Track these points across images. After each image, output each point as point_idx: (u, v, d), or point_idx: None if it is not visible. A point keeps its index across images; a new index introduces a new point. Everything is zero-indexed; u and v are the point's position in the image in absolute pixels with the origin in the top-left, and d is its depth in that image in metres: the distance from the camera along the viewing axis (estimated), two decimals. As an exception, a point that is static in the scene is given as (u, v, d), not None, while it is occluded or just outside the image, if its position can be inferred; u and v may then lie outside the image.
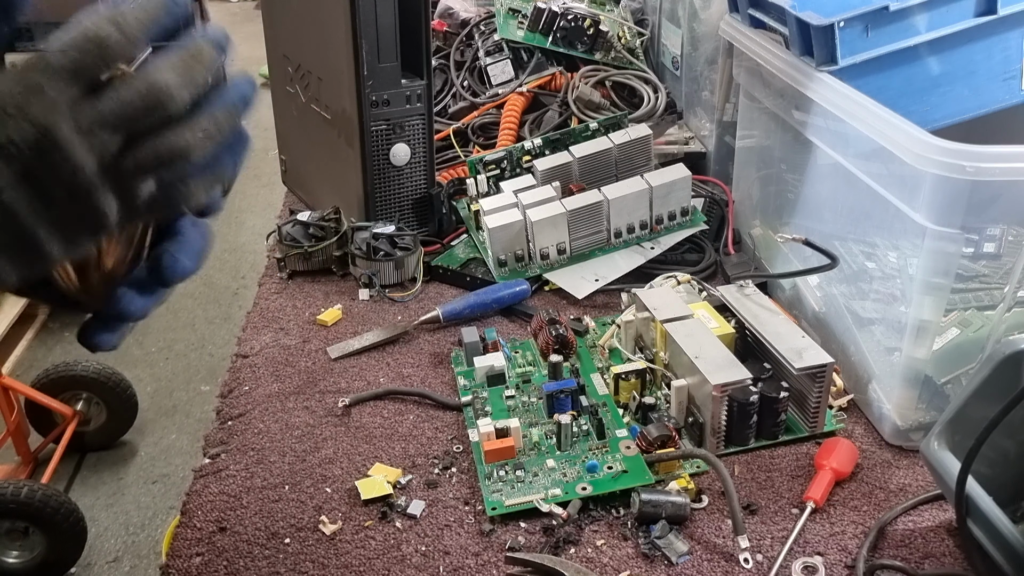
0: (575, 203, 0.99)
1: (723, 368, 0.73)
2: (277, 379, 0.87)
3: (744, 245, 1.07)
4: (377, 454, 0.77)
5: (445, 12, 1.46)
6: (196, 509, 0.71)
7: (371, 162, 1.05)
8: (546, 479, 0.71)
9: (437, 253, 1.09)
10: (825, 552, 0.65)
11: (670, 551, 0.65)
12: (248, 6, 5.80)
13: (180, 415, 2.18)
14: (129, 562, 1.76)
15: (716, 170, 1.19)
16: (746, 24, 0.98)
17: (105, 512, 1.88)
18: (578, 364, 0.85)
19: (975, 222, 0.67)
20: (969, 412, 0.61)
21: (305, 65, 1.13)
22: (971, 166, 0.62)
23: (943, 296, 0.70)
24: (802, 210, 0.93)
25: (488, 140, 1.29)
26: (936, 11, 0.81)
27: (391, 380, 0.87)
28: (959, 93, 0.86)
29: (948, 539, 0.67)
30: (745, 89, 1.04)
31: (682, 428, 0.76)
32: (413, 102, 1.05)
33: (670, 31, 1.32)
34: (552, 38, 1.34)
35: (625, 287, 0.97)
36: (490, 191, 1.12)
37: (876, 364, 0.78)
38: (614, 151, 1.08)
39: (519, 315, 0.97)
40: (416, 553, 0.66)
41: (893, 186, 0.71)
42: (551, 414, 0.77)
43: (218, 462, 0.77)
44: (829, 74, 0.80)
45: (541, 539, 0.67)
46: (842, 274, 0.83)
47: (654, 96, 1.30)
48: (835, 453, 0.72)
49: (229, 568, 0.66)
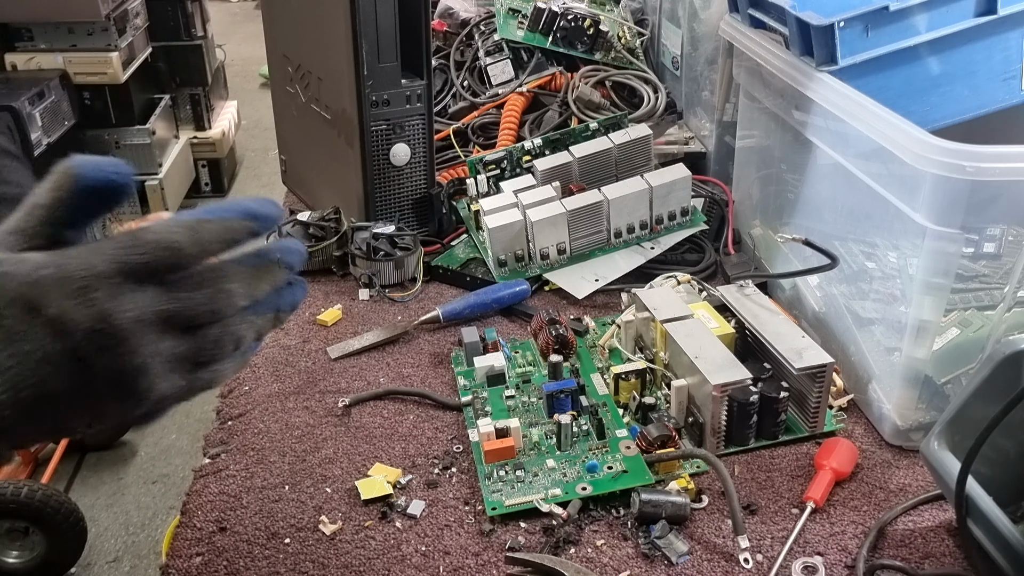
0: (575, 203, 0.99)
1: (723, 368, 0.73)
2: (277, 379, 0.87)
3: (744, 245, 1.07)
4: (377, 454, 0.77)
5: (445, 12, 1.46)
6: (196, 509, 0.71)
7: (371, 162, 1.05)
8: (546, 479, 0.71)
9: (437, 253, 1.09)
10: (825, 552, 0.65)
11: (670, 551, 0.65)
12: (248, 6, 5.80)
13: (180, 415, 2.17)
14: (129, 562, 1.76)
15: (716, 170, 1.19)
16: (746, 24, 0.98)
17: (105, 512, 1.88)
18: (578, 364, 0.85)
19: (975, 222, 0.67)
20: (969, 412, 0.61)
21: (305, 65, 1.13)
22: (971, 166, 0.62)
23: (943, 296, 0.70)
24: (802, 210, 0.93)
25: (488, 140, 1.29)
26: (936, 11, 0.81)
27: (391, 380, 0.87)
28: (959, 93, 0.86)
29: (948, 539, 0.67)
30: (745, 89, 1.04)
31: (682, 428, 0.76)
32: (413, 102, 1.05)
33: (670, 31, 1.32)
34: (552, 38, 1.34)
35: (625, 287, 0.97)
36: (490, 191, 1.12)
37: (876, 364, 0.78)
38: (614, 151, 1.08)
39: (519, 315, 0.97)
40: (416, 553, 0.66)
41: (893, 186, 0.71)
42: (551, 414, 0.77)
43: (218, 462, 0.77)
44: (829, 74, 0.80)
45: (541, 539, 0.67)
46: (842, 274, 0.83)
47: (654, 96, 1.30)
48: (835, 453, 0.72)
49: (229, 568, 0.66)
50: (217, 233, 0.38)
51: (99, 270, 0.34)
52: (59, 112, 2.54)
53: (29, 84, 2.43)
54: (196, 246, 0.37)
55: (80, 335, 0.34)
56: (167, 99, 3.06)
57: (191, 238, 0.37)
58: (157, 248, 0.36)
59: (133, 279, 0.35)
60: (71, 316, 0.34)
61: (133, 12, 2.82)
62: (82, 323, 0.34)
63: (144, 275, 0.36)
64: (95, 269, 0.34)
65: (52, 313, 0.34)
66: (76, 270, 0.34)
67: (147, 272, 0.36)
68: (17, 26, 2.61)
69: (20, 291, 0.34)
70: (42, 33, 2.63)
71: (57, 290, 0.34)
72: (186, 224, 0.37)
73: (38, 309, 0.34)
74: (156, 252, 0.36)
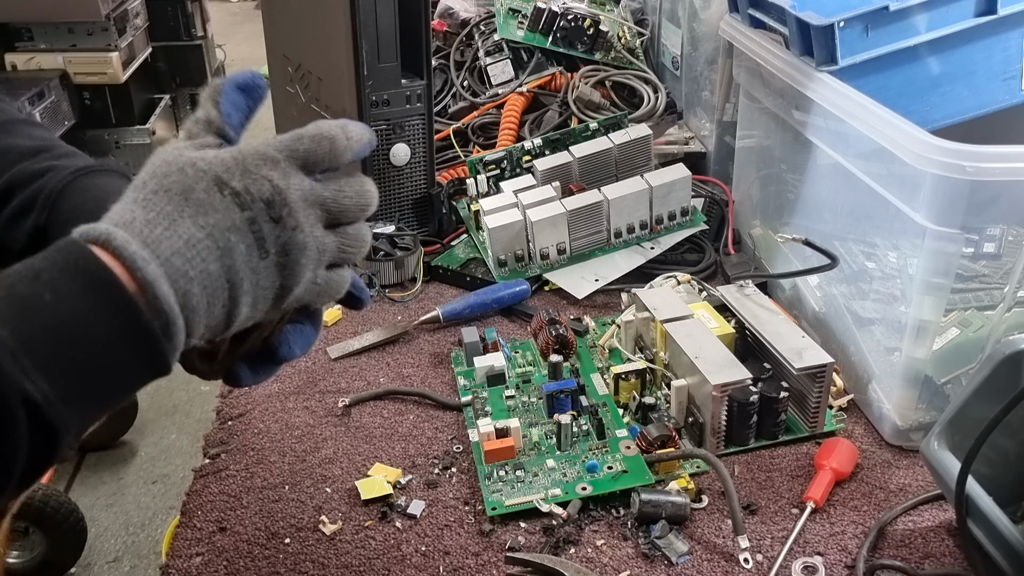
0: (575, 203, 0.99)
1: (723, 368, 0.73)
2: (277, 379, 0.87)
3: (744, 245, 1.07)
4: (377, 454, 0.77)
5: (445, 12, 1.46)
6: (196, 509, 0.71)
7: (371, 162, 1.05)
8: (546, 479, 0.71)
9: (437, 253, 1.09)
10: (825, 552, 0.65)
11: (670, 551, 0.65)
12: (248, 6, 5.80)
13: (180, 415, 2.17)
14: (129, 562, 1.76)
15: (716, 170, 1.19)
16: (746, 24, 0.98)
17: (105, 512, 1.88)
18: (578, 364, 0.85)
19: (975, 222, 0.67)
20: (969, 412, 0.61)
21: (305, 65, 1.13)
22: (971, 166, 0.62)
23: (943, 296, 0.70)
24: (802, 210, 0.93)
25: (488, 140, 1.29)
26: (936, 11, 0.81)
27: (391, 380, 0.87)
28: (959, 93, 0.86)
29: (948, 539, 0.67)
30: (745, 89, 1.04)
31: (682, 428, 0.76)
32: (413, 102, 1.05)
33: (670, 31, 1.32)
34: (552, 38, 1.34)
35: (625, 287, 0.97)
36: (490, 191, 1.12)
37: (876, 364, 0.78)
38: (614, 151, 1.08)
39: (519, 315, 0.97)
40: (416, 553, 0.66)
41: (893, 186, 0.71)
42: (551, 414, 0.77)
43: (218, 462, 0.77)
44: (829, 74, 0.80)
45: (541, 539, 0.67)
46: (842, 274, 0.83)
47: (654, 96, 1.30)
48: (835, 453, 0.72)
49: (229, 568, 0.66)
50: (360, 134, 0.44)
51: (271, 156, 0.41)
52: (59, 112, 2.54)
53: (29, 84, 2.43)
54: (346, 141, 0.43)
55: (259, 205, 0.39)
56: (167, 99, 3.06)
57: (343, 134, 0.43)
58: (317, 138, 0.42)
59: (298, 164, 0.41)
60: (251, 189, 0.39)
61: (133, 12, 2.82)
62: (261, 194, 0.40)
63: (307, 163, 0.42)
64: (268, 155, 0.41)
65: (236, 186, 0.39)
66: (252, 155, 0.40)
67: (310, 159, 0.42)
68: (17, 26, 2.61)
69: (210, 167, 0.39)
70: (42, 33, 2.63)
71: (238, 168, 0.40)
72: (338, 124, 0.43)
73: (225, 183, 0.39)
74: (317, 141, 0.42)
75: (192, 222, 0.38)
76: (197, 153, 0.40)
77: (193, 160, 0.40)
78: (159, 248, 0.37)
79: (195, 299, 0.38)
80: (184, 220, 0.38)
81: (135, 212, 0.38)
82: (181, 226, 0.38)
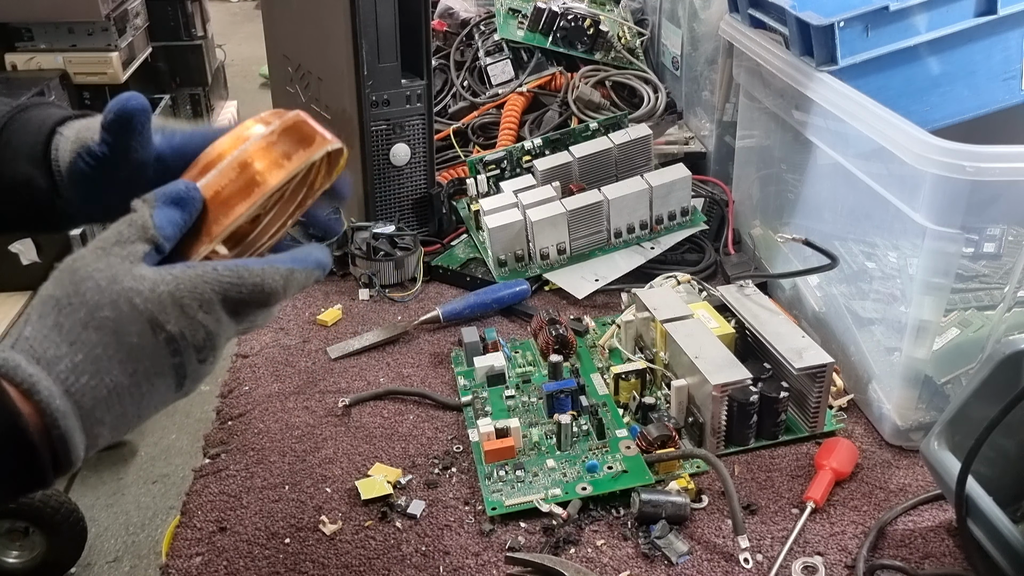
0: (575, 203, 0.99)
1: (723, 368, 0.73)
2: (277, 379, 0.87)
3: (744, 245, 1.07)
4: (377, 454, 0.77)
5: (445, 12, 1.46)
6: (196, 509, 0.71)
7: (371, 162, 1.05)
8: (546, 479, 0.71)
9: (437, 253, 1.09)
10: (825, 552, 0.65)
11: (670, 551, 0.65)
12: (248, 6, 5.79)
13: (180, 415, 2.17)
14: (129, 562, 1.76)
15: (716, 170, 1.19)
16: (746, 24, 0.98)
17: (105, 512, 1.88)
18: (578, 364, 0.85)
19: (975, 222, 0.67)
20: (969, 412, 0.61)
21: (305, 65, 1.13)
22: (971, 166, 0.62)
23: (943, 296, 0.70)
24: (802, 210, 0.93)
25: (488, 140, 1.29)
26: (936, 11, 0.81)
27: (391, 380, 0.87)
28: (959, 93, 0.86)
29: (948, 539, 0.67)
30: (745, 89, 1.04)
31: (682, 428, 0.76)
32: (413, 102, 1.05)
33: (670, 31, 1.32)
34: (552, 38, 1.34)
35: (625, 287, 0.97)
36: (490, 191, 1.12)
37: (876, 364, 0.78)
38: (614, 151, 1.08)
39: (519, 315, 0.97)
40: (416, 553, 0.66)
41: (893, 186, 0.71)
42: (551, 414, 0.77)
43: (218, 462, 0.77)
44: (829, 74, 0.80)
45: (541, 539, 0.67)
46: (842, 274, 0.83)
47: (654, 96, 1.30)
48: (835, 453, 0.72)
49: (229, 568, 0.66)
50: (300, 284, 0.45)
51: (207, 298, 0.41)
52: (59, 112, 2.54)
53: (29, 84, 2.43)
54: (284, 293, 0.44)
55: (190, 352, 0.41)
56: (167, 99, 3.06)
57: (284, 288, 0.44)
58: (256, 291, 0.43)
59: (229, 308, 0.42)
60: (186, 335, 0.40)
61: (133, 12, 2.82)
62: (195, 341, 0.41)
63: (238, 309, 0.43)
64: (205, 297, 0.41)
65: (172, 330, 0.40)
66: (190, 293, 0.40)
67: (241, 307, 0.43)
68: (17, 26, 2.61)
69: (145, 307, 0.39)
70: (42, 33, 2.62)
71: (175, 310, 0.40)
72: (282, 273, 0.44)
73: (160, 325, 0.40)
74: (255, 295, 0.43)
75: (121, 369, 0.39)
76: (131, 278, 0.40)
77: (128, 293, 0.39)
78: (82, 400, 0.38)
79: (103, 439, 0.39)
80: (112, 366, 0.39)
81: (61, 348, 0.38)
82: (108, 375, 0.39)
